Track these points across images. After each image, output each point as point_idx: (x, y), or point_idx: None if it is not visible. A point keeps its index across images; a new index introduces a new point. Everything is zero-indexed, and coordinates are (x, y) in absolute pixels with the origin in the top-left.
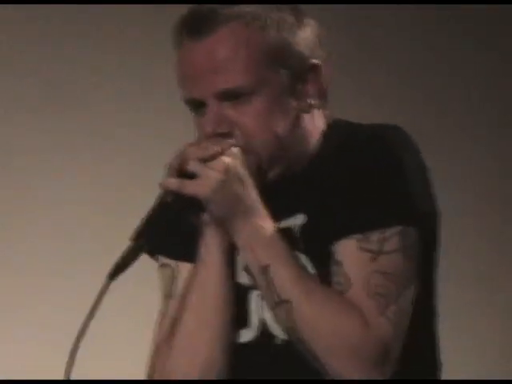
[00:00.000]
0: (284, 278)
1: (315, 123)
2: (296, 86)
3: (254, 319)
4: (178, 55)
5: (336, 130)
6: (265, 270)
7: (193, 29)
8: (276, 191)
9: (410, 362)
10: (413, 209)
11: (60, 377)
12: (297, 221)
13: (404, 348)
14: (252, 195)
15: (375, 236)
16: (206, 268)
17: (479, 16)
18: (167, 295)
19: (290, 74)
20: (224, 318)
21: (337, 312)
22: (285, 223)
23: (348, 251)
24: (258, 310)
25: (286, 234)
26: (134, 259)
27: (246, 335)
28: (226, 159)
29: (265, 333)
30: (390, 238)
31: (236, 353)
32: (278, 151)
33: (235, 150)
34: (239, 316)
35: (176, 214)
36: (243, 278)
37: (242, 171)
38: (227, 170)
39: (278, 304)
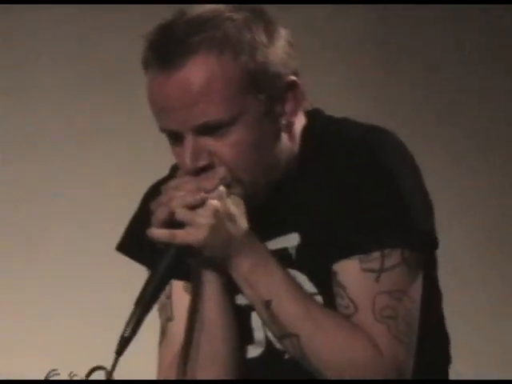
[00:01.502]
0: (288, 312)
1: (295, 134)
2: (275, 107)
3: (259, 336)
4: (149, 85)
5: (319, 132)
6: (267, 305)
7: (163, 61)
8: (267, 211)
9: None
10: (411, 226)
11: None
12: (292, 241)
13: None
14: (244, 230)
15: (376, 254)
16: (208, 302)
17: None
18: (168, 318)
19: (268, 97)
20: (231, 344)
21: (348, 342)
22: (280, 243)
23: (350, 273)
24: (262, 327)
25: (282, 254)
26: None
27: (254, 351)
28: (214, 202)
29: (272, 349)
30: (390, 253)
31: (246, 367)
32: (262, 176)
33: (221, 190)
34: (244, 333)
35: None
36: (241, 300)
37: (231, 210)
38: (216, 214)
39: (285, 337)
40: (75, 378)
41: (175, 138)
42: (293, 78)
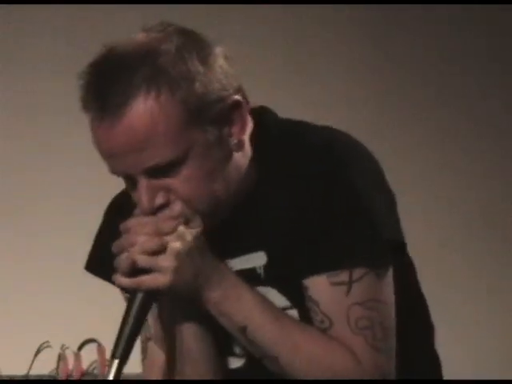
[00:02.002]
0: (264, 336)
1: (247, 146)
2: (222, 131)
3: (239, 349)
4: (93, 131)
5: (274, 138)
6: (243, 331)
7: (103, 108)
8: (231, 229)
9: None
10: (377, 238)
11: None
12: (259, 260)
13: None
14: (209, 264)
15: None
16: (186, 330)
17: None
18: (147, 338)
19: (214, 124)
20: (213, 363)
21: (326, 356)
22: (247, 263)
23: (321, 288)
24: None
25: (250, 274)
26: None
27: (236, 363)
28: (174, 245)
29: (253, 360)
30: (358, 264)
31: (230, 378)
32: (221, 203)
33: (180, 229)
34: (225, 345)
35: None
36: None
37: (193, 248)
38: (178, 256)
39: (264, 358)
40: (67, 351)
41: (129, 180)
42: (235, 97)
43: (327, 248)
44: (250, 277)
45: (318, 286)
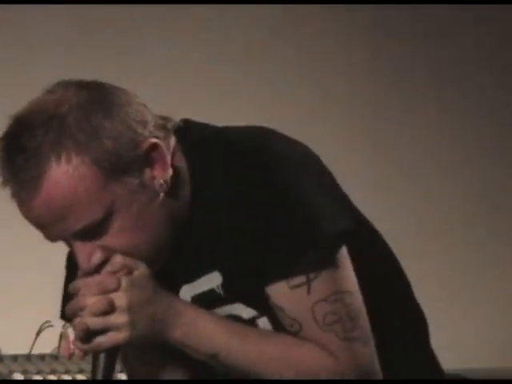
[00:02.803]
0: (238, 359)
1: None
2: (143, 177)
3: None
4: (17, 205)
5: (200, 156)
6: (216, 358)
7: (18, 184)
8: (182, 256)
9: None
10: (323, 233)
11: None
12: (215, 280)
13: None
14: (163, 305)
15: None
16: (161, 371)
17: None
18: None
19: (133, 173)
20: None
21: (304, 361)
22: (204, 285)
23: (282, 294)
24: None
25: (210, 295)
26: None
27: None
28: (122, 300)
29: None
30: (312, 263)
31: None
32: (161, 242)
33: (124, 283)
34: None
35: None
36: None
37: (141, 297)
38: (129, 310)
39: (245, 374)
40: (69, 330)
41: (66, 243)
42: (151, 141)
43: (277, 255)
44: (211, 298)
45: (279, 292)
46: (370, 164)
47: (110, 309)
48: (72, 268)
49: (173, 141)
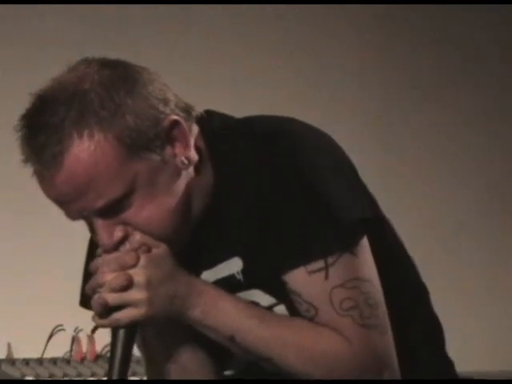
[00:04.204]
0: (253, 341)
1: (194, 159)
2: (165, 154)
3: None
4: (39, 183)
5: (222, 143)
6: (232, 340)
7: (40, 161)
8: (203, 240)
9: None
10: (341, 221)
11: None
12: (235, 266)
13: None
14: (183, 283)
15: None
16: (177, 352)
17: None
18: (146, 358)
19: (155, 150)
20: (212, 372)
21: (317, 345)
22: (225, 271)
23: (300, 280)
24: None
25: (230, 281)
26: None
27: (235, 365)
28: (140, 277)
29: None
30: (330, 249)
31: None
32: (181, 223)
33: (143, 260)
34: (225, 348)
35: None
36: None
37: (160, 274)
38: (148, 286)
39: (259, 360)
40: (80, 333)
41: (87, 222)
42: (172, 117)
43: (296, 242)
44: (231, 283)
45: (297, 277)
46: (380, 165)
47: (129, 284)
48: (93, 253)
49: (195, 128)
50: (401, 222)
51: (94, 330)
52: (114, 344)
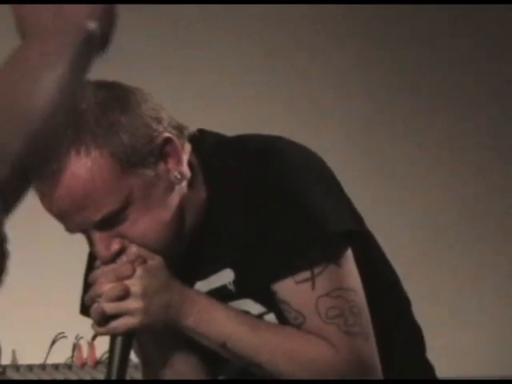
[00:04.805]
0: (245, 347)
1: (187, 174)
2: (158, 169)
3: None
4: (38, 197)
5: (214, 159)
6: (223, 346)
7: (39, 181)
8: (195, 252)
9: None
10: (327, 231)
11: None
12: (227, 277)
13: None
14: (177, 293)
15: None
16: (171, 357)
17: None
18: (142, 361)
19: (149, 166)
20: (206, 375)
21: (306, 352)
22: (217, 282)
23: (289, 289)
24: None
25: (222, 291)
26: None
27: (229, 370)
28: (136, 287)
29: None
30: (317, 260)
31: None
32: (175, 236)
33: (139, 271)
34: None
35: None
36: None
37: (155, 284)
38: (143, 296)
39: (249, 366)
40: (81, 340)
41: (85, 235)
42: (165, 135)
43: (285, 254)
44: (223, 293)
45: (286, 287)
46: (368, 175)
47: (125, 294)
48: (92, 265)
49: (188, 146)
50: (384, 230)
51: (94, 338)
52: (112, 350)
